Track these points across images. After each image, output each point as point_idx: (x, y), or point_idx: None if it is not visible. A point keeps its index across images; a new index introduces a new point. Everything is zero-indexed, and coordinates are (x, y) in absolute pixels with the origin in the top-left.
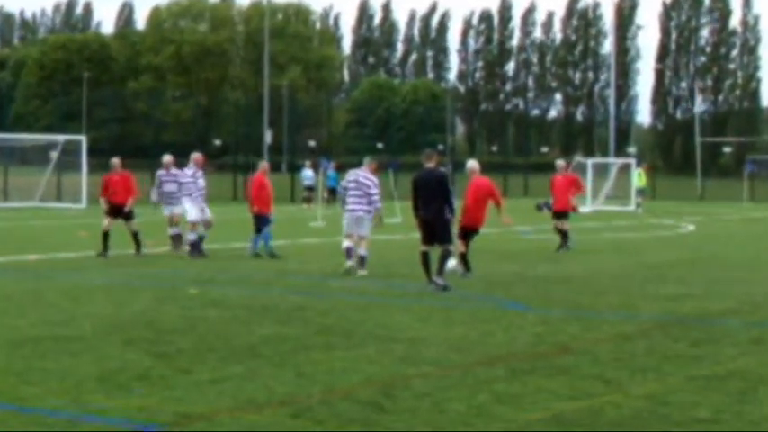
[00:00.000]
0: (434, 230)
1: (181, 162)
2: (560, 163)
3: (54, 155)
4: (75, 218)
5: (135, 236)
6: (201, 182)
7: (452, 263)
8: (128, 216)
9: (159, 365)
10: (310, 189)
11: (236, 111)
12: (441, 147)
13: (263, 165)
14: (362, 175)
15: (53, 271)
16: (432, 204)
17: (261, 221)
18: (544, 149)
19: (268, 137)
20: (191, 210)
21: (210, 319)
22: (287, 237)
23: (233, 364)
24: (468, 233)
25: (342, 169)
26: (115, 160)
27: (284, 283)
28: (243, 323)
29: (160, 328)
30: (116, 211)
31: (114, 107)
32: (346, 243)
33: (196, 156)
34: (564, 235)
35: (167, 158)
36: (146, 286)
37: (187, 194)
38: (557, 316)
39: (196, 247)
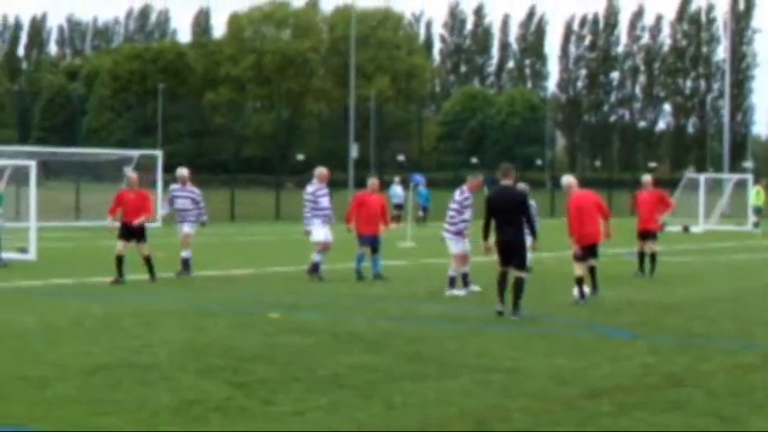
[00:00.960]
0: (512, 253)
1: (254, 178)
2: (647, 178)
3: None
4: (150, 238)
5: (147, 261)
6: (324, 200)
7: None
8: (140, 237)
9: (238, 396)
10: (399, 207)
11: (320, 123)
12: (539, 161)
13: (371, 182)
14: (456, 192)
15: (125, 294)
16: (509, 226)
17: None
18: (652, 164)
19: (354, 151)
20: (316, 230)
21: (293, 346)
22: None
23: (317, 395)
24: (583, 253)
25: (433, 185)
26: (132, 175)
27: (372, 308)
28: (328, 351)
29: (239, 355)
30: (130, 233)
31: (191, 120)
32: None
33: (320, 171)
34: (652, 258)
35: (183, 172)
36: (223, 311)
37: (314, 213)
38: (667, 345)
39: (315, 269)
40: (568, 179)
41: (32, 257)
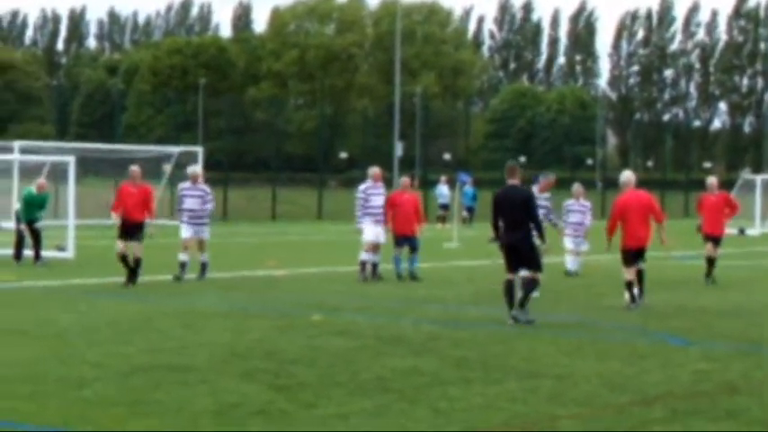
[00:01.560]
0: (520, 256)
1: (296, 176)
2: (712, 180)
3: (168, 168)
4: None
5: (136, 263)
6: (376, 200)
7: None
8: (137, 236)
9: (280, 399)
10: (445, 207)
11: (364, 121)
12: (590, 161)
13: (402, 181)
14: None
15: (163, 295)
16: (515, 228)
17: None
18: (707, 164)
19: (399, 149)
20: (367, 229)
21: (336, 349)
22: (419, 260)
23: (361, 399)
24: (631, 256)
25: (479, 185)
26: (134, 168)
27: (417, 311)
28: (371, 354)
29: (281, 358)
30: (131, 231)
31: (232, 116)
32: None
33: (373, 170)
34: (711, 263)
35: (196, 169)
36: (264, 312)
37: (364, 212)
38: (721, 351)
39: (363, 268)
40: (628, 175)
41: (70, 256)
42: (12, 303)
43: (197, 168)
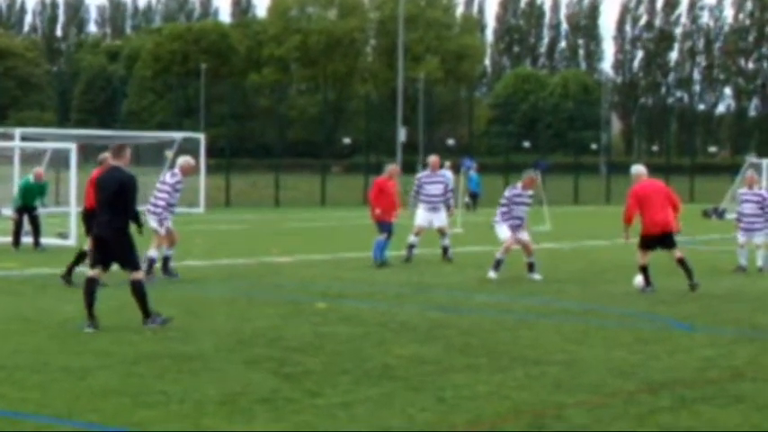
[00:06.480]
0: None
1: (299, 162)
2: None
3: (169, 154)
4: (192, 223)
5: (81, 255)
6: (430, 188)
7: (638, 279)
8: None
9: (285, 387)
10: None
11: (367, 106)
12: (594, 146)
13: (389, 168)
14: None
15: (167, 283)
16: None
17: (381, 227)
18: (712, 149)
19: (402, 135)
20: (418, 214)
21: (341, 336)
22: (422, 245)
23: (367, 387)
24: (652, 242)
25: (484, 171)
26: (105, 155)
27: (422, 297)
28: (377, 342)
29: (286, 346)
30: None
31: (234, 102)
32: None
33: (432, 159)
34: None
35: (189, 161)
36: (269, 300)
37: (417, 198)
38: (728, 337)
39: (409, 249)
40: (639, 168)
41: (72, 243)
42: (14, 291)
43: (191, 161)
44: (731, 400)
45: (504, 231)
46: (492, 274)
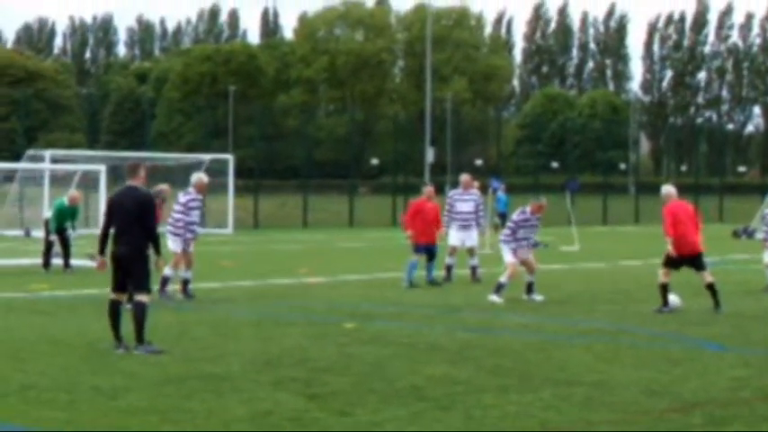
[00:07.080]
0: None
1: (327, 183)
2: None
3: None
4: (221, 244)
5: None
6: (461, 206)
7: (674, 299)
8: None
9: (313, 407)
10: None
11: (395, 127)
12: (623, 166)
13: (426, 189)
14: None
15: (197, 303)
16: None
17: (417, 249)
18: (741, 169)
19: (430, 155)
20: (451, 234)
21: (369, 357)
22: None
23: (395, 407)
24: (680, 262)
25: (512, 191)
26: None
27: (451, 318)
28: (405, 362)
29: (313, 366)
30: None
31: (262, 123)
32: None
33: (463, 177)
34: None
35: (202, 178)
36: (296, 320)
37: (450, 217)
38: (759, 357)
39: (448, 270)
40: (669, 188)
41: None
42: (44, 312)
43: (203, 178)
44: (762, 421)
45: (508, 256)
46: (495, 298)
